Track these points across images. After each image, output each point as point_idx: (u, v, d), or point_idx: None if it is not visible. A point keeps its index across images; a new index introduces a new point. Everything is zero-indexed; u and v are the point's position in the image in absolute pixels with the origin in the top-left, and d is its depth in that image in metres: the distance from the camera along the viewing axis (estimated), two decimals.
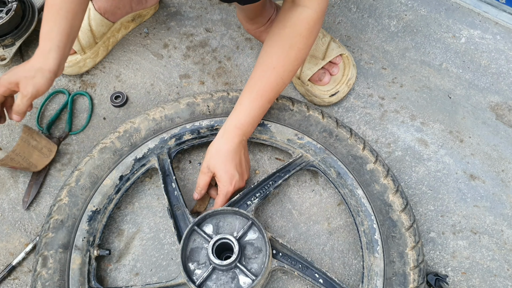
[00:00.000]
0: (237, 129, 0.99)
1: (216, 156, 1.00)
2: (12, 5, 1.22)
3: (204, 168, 1.02)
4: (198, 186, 1.04)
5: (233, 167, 1.00)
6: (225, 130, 1.00)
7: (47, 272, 0.98)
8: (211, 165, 1.00)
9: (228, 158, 0.99)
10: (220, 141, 1.00)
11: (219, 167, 1.00)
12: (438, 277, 1.02)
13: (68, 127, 1.21)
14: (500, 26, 1.29)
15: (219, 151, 1.00)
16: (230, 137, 0.99)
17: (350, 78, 1.18)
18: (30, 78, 0.95)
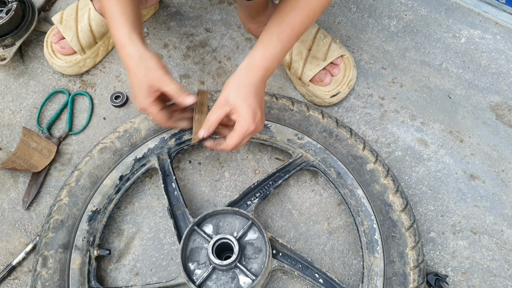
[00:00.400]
0: (264, 60, 0.90)
1: (238, 88, 0.88)
2: (12, 5, 1.22)
3: (221, 101, 0.89)
4: (207, 121, 0.91)
5: (256, 102, 0.89)
6: (250, 62, 0.90)
7: (47, 272, 0.98)
8: (231, 97, 0.88)
9: (251, 92, 0.88)
10: (244, 73, 0.90)
11: (241, 100, 0.88)
12: (438, 277, 1.02)
13: (68, 127, 1.21)
14: (500, 26, 1.29)
15: (242, 83, 0.89)
16: (255, 69, 0.90)
17: (351, 79, 1.19)
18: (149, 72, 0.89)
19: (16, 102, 1.25)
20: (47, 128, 1.20)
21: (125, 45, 0.90)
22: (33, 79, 1.27)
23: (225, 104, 0.89)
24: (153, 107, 0.91)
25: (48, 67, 1.28)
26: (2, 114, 1.24)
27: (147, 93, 0.90)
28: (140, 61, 0.89)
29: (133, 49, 0.89)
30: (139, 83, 0.90)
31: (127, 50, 0.90)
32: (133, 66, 0.89)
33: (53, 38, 1.23)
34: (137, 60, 0.89)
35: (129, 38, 0.90)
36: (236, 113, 0.88)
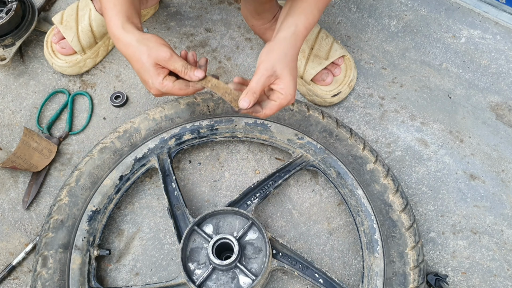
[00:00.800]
0: (305, 30, 0.88)
1: (284, 58, 0.85)
2: (12, 5, 1.22)
3: (269, 69, 0.84)
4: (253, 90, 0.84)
5: (296, 75, 0.87)
6: (294, 30, 0.87)
7: (47, 272, 0.98)
8: (279, 68, 0.84)
9: (295, 64, 0.86)
10: (289, 42, 0.86)
11: (287, 72, 0.84)
12: (438, 277, 1.02)
13: (68, 127, 1.21)
14: (500, 26, 1.29)
15: (288, 54, 0.85)
16: (299, 39, 0.87)
17: (351, 79, 1.19)
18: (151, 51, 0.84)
19: (16, 102, 1.25)
20: (47, 128, 1.20)
21: (119, 36, 0.87)
22: (33, 79, 1.27)
23: (272, 73, 0.84)
24: (167, 83, 0.86)
25: (48, 67, 1.28)
26: (2, 114, 1.24)
27: (156, 72, 0.85)
28: (138, 45, 0.85)
29: (127, 38, 0.86)
30: (144, 66, 0.85)
31: (123, 40, 0.86)
32: (133, 52, 0.85)
33: (53, 38, 1.23)
34: (135, 45, 0.85)
35: (122, 29, 0.86)
36: (281, 85, 0.85)
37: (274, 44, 0.86)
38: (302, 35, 0.88)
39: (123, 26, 0.86)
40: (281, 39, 0.87)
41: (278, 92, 0.86)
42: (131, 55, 0.86)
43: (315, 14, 0.89)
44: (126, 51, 0.86)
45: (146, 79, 0.86)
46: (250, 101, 0.84)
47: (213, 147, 1.18)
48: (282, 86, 0.85)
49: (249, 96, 0.84)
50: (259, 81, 0.84)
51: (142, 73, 0.86)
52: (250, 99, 0.84)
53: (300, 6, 0.89)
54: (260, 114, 0.87)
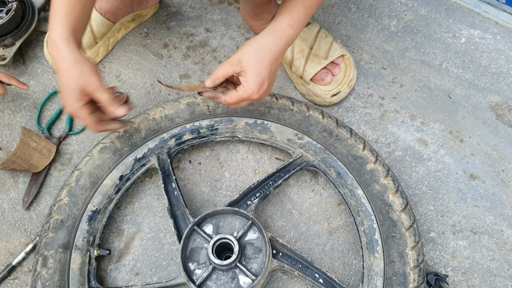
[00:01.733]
0: (289, 27, 0.88)
1: (255, 52, 0.86)
2: (12, 5, 1.22)
3: (235, 59, 0.87)
4: (215, 74, 0.90)
5: (267, 71, 0.87)
6: (275, 27, 0.88)
7: (47, 272, 0.98)
8: (245, 59, 0.86)
9: (267, 60, 0.87)
10: (267, 38, 0.87)
11: (253, 66, 0.86)
12: (438, 277, 1.02)
13: (68, 127, 1.21)
14: (500, 26, 1.29)
15: (262, 48, 0.87)
16: (278, 37, 0.87)
17: (351, 79, 1.19)
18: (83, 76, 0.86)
19: (16, 102, 1.25)
20: (47, 128, 1.20)
21: (59, 46, 0.86)
22: (33, 79, 1.27)
23: (237, 63, 0.87)
24: (82, 111, 0.89)
25: (48, 67, 1.28)
26: (2, 114, 1.24)
27: (78, 96, 0.87)
28: (74, 64, 0.86)
29: (67, 51, 0.86)
30: (70, 86, 0.87)
31: (61, 51, 0.86)
32: (65, 68, 0.86)
33: None
34: (71, 63, 0.86)
35: (66, 41, 0.86)
36: (244, 77, 0.87)
37: (252, 39, 0.88)
38: (284, 32, 0.88)
39: (67, 38, 0.86)
40: (260, 35, 0.88)
41: (241, 84, 0.88)
42: (63, 70, 0.87)
43: (300, 11, 0.89)
44: (60, 63, 0.87)
45: (67, 97, 0.88)
46: (210, 81, 0.91)
47: (213, 147, 1.18)
48: (244, 78, 0.87)
49: (210, 77, 0.91)
50: (222, 66, 0.89)
51: (66, 91, 0.88)
52: (211, 79, 0.90)
53: (285, 6, 0.90)
54: (221, 99, 0.91)
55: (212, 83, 0.91)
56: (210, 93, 0.93)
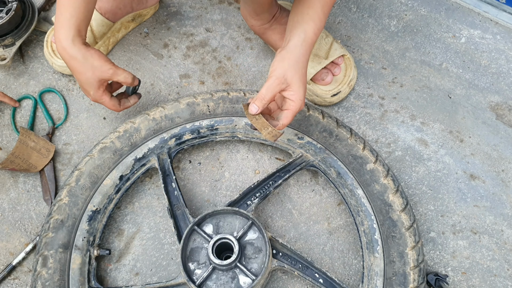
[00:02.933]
0: (315, 35, 0.90)
1: (295, 65, 0.87)
2: (12, 5, 1.22)
3: (280, 77, 0.86)
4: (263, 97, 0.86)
5: (305, 81, 0.89)
6: (304, 38, 0.89)
7: (47, 272, 0.98)
8: (289, 75, 0.86)
9: (304, 71, 0.88)
10: (300, 50, 0.88)
11: (298, 79, 0.86)
12: (438, 277, 1.02)
13: (50, 122, 1.20)
14: (500, 26, 1.29)
15: (299, 61, 0.87)
16: (309, 45, 0.89)
17: (351, 79, 1.19)
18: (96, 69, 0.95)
19: None
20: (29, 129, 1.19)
21: (66, 47, 0.94)
22: (33, 79, 1.27)
23: (283, 81, 0.86)
24: (105, 97, 1.01)
25: (48, 67, 1.28)
26: (2, 114, 1.24)
27: (97, 86, 0.98)
28: (84, 60, 0.94)
29: (75, 50, 0.94)
30: (88, 80, 0.97)
31: (69, 52, 0.94)
32: (78, 66, 0.95)
33: (53, 37, 1.23)
34: (82, 60, 0.94)
35: (72, 41, 0.93)
36: (291, 92, 0.87)
37: (286, 53, 0.88)
38: (312, 41, 0.90)
39: (72, 39, 0.94)
40: (292, 47, 0.89)
41: (289, 99, 0.88)
42: (76, 68, 0.96)
43: (321, 19, 0.91)
44: (71, 63, 0.95)
45: (87, 90, 1.00)
46: (258, 107, 0.86)
47: (213, 147, 1.18)
48: (292, 92, 0.87)
49: (257, 102, 0.86)
50: (269, 87, 0.86)
51: (85, 85, 0.99)
52: (259, 105, 0.86)
53: (307, 13, 0.91)
54: (279, 126, 0.89)
55: (261, 108, 0.86)
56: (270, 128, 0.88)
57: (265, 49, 1.29)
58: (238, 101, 1.12)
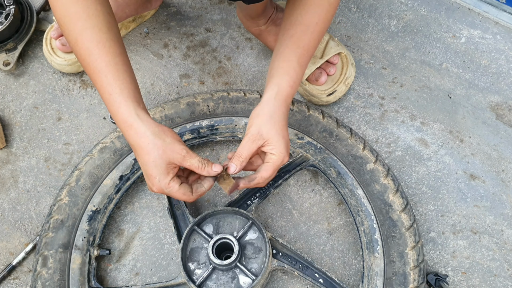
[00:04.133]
0: (290, 88, 0.88)
1: (270, 120, 0.85)
2: (10, 10, 1.21)
3: (254, 134, 0.85)
4: (239, 155, 0.85)
5: (286, 133, 0.87)
6: (277, 91, 0.87)
7: (47, 271, 0.98)
8: (265, 131, 0.85)
9: (283, 124, 0.86)
10: (273, 103, 0.87)
11: (275, 133, 0.85)
12: (438, 277, 1.02)
13: None
14: (500, 26, 1.29)
15: (274, 115, 0.86)
16: (283, 99, 0.87)
17: (348, 77, 1.18)
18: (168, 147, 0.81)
19: (16, 102, 1.25)
20: None
21: (132, 123, 0.81)
22: (33, 79, 1.27)
23: (258, 137, 0.85)
24: (173, 184, 0.83)
25: (48, 67, 1.28)
26: (2, 114, 1.24)
27: (166, 170, 0.81)
28: (154, 137, 0.81)
29: (143, 126, 0.81)
30: (156, 161, 0.80)
31: (137, 129, 0.81)
32: (146, 144, 0.81)
33: (53, 33, 1.22)
34: (151, 137, 0.81)
35: (136, 115, 0.81)
36: (270, 146, 0.85)
37: (260, 109, 0.87)
38: (287, 93, 0.88)
39: (136, 113, 0.82)
40: (265, 101, 0.87)
41: (269, 153, 0.86)
42: (143, 146, 0.81)
43: (297, 71, 0.90)
44: (138, 140, 0.82)
45: (153, 174, 0.82)
46: (236, 166, 0.84)
47: (213, 147, 1.18)
48: (271, 146, 0.85)
49: (235, 161, 0.85)
50: (245, 146, 0.85)
51: (151, 168, 0.82)
52: (236, 164, 0.84)
53: (282, 67, 0.90)
54: (257, 180, 0.86)
55: (240, 167, 0.85)
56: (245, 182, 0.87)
57: (265, 49, 1.29)
58: (238, 101, 1.12)
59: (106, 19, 0.83)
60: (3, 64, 1.24)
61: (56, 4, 0.81)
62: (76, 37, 0.82)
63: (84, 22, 0.81)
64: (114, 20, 0.86)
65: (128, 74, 0.84)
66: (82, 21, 0.81)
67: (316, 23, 0.91)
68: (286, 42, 0.91)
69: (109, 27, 0.83)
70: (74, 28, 0.81)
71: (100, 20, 0.82)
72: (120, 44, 0.85)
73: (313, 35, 0.91)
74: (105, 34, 0.82)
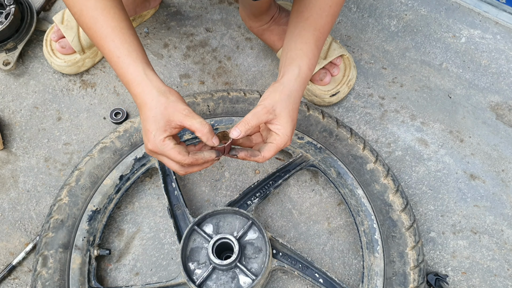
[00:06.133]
0: (310, 71, 0.88)
1: (287, 99, 0.83)
2: (10, 9, 1.21)
3: (269, 107, 0.82)
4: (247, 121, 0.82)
5: (296, 116, 0.86)
6: (299, 73, 0.86)
7: (47, 271, 0.98)
8: (279, 107, 0.82)
9: (296, 106, 0.85)
10: (294, 85, 0.85)
11: (287, 114, 0.83)
12: (438, 277, 1.02)
13: None
14: (500, 26, 1.29)
15: (292, 95, 0.84)
16: (303, 82, 0.86)
17: (350, 79, 1.19)
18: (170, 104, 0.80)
19: (16, 102, 1.25)
20: None
21: (140, 82, 0.82)
22: (33, 79, 1.27)
23: (271, 111, 0.82)
24: (169, 142, 0.80)
25: (48, 67, 1.28)
26: (2, 113, 1.24)
27: (164, 127, 0.80)
28: (159, 94, 0.81)
29: (151, 85, 0.82)
30: (156, 117, 0.80)
31: (144, 86, 0.82)
32: (150, 100, 0.80)
33: (53, 36, 1.23)
34: (156, 94, 0.81)
35: (144, 75, 0.82)
36: (278, 125, 0.83)
37: (279, 85, 0.85)
38: (306, 76, 0.88)
39: (145, 72, 0.83)
40: (286, 81, 0.86)
41: (274, 133, 0.84)
42: (147, 101, 0.81)
43: (315, 54, 0.90)
44: (144, 97, 0.82)
45: (150, 129, 0.80)
46: (241, 131, 0.82)
47: None
48: (279, 126, 0.83)
49: (240, 126, 0.82)
50: (256, 114, 0.82)
51: (150, 122, 0.80)
52: (241, 129, 0.82)
53: (301, 49, 0.89)
54: (259, 157, 0.84)
55: (244, 133, 0.82)
56: (243, 153, 0.84)
57: (265, 49, 1.29)
58: (238, 101, 1.12)
59: None
60: (3, 63, 1.24)
61: None
62: (81, 7, 0.84)
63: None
64: None
65: (134, 38, 0.86)
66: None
67: (330, 6, 0.90)
68: (301, 24, 0.90)
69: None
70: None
71: None
72: (124, 10, 0.88)
73: (328, 18, 0.91)
74: (108, 2, 0.85)
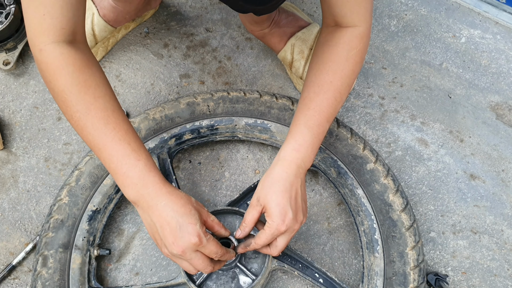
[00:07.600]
0: (296, 152, 0.86)
1: (269, 186, 0.84)
2: (10, 9, 1.22)
3: (254, 200, 0.86)
4: (243, 221, 0.88)
5: (286, 200, 0.83)
6: (280, 156, 0.86)
7: (47, 271, 0.98)
8: (262, 196, 0.84)
9: (281, 188, 0.83)
10: (276, 169, 0.85)
11: (270, 199, 0.83)
12: (438, 277, 1.02)
13: None
14: (500, 25, 1.29)
15: (272, 180, 0.84)
16: (286, 164, 0.85)
17: None
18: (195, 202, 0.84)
19: (16, 101, 1.25)
20: None
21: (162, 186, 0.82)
22: (33, 79, 1.27)
23: (256, 203, 0.85)
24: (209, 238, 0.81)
25: None
26: (2, 113, 1.24)
27: (198, 220, 0.80)
28: (183, 194, 0.83)
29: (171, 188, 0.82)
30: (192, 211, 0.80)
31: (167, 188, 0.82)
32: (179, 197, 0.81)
33: None
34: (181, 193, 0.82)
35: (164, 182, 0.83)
36: (267, 212, 0.84)
37: (266, 173, 0.87)
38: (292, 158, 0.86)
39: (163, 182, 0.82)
40: (271, 166, 0.87)
41: (267, 220, 0.84)
42: (176, 198, 0.80)
43: (304, 133, 0.87)
44: (169, 197, 0.80)
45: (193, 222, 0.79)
46: (241, 231, 0.89)
47: (213, 147, 1.18)
48: (267, 213, 0.84)
49: (240, 227, 0.89)
50: (248, 212, 0.87)
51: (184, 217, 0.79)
52: (241, 229, 0.89)
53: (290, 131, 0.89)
54: (253, 245, 0.88)
55: (243, 233, 0.88)
56: (242, 247, 0.91)
57: (265, 49, 1.29)
58: (238, 101, 1.12)
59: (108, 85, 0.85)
60: (3, 63, 1.24)
61: (61, 73, 0.79)
62: (88, 106, 0.80)
63: (94, 90, 0.81)
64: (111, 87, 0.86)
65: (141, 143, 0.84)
66: (93, 89, 0.81)
67: (330, 82, 0.87)
68: (299, 105, 0.89)
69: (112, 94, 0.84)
70: (85, 96, 0.80)
71: (107, 87, 0.84)
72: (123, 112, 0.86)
73: (326, 95, 0.87)
74: (115, 102, 0.84)
